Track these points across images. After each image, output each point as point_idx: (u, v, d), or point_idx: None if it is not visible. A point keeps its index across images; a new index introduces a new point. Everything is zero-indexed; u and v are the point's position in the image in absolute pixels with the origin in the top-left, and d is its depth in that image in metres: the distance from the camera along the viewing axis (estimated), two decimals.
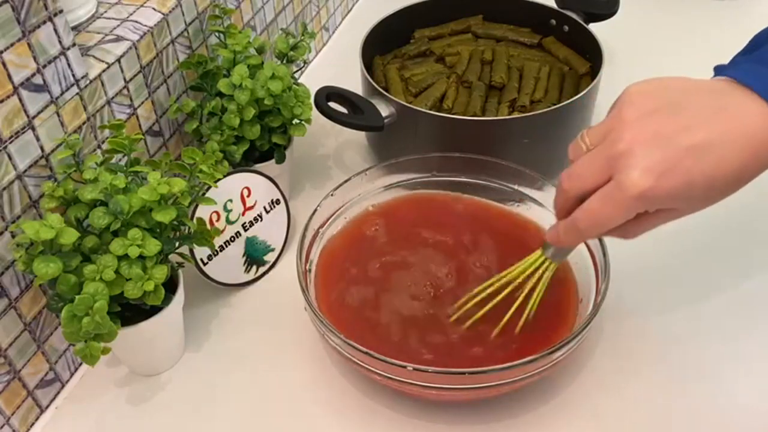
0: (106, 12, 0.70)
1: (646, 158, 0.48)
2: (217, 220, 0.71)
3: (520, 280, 0.62)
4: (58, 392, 0.67)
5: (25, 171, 0.57)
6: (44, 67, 0.57)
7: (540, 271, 0.61)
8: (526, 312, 0.62)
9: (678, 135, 0.48)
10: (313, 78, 1.01)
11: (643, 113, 0.49)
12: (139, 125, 0.71)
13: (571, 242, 0.57)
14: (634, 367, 0.66)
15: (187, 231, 0.65)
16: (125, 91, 0.68)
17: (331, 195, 0.72)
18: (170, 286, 0.63)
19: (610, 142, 0.50)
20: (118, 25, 0.68)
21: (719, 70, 0.53)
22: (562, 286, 0.68)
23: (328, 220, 0.72)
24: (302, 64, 1.06)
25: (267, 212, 0.76)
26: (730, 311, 0.70)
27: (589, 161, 0.52)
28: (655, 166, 0.48)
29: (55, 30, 0.57)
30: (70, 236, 0.54)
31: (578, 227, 0.53)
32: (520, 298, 0.62)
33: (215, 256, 0.71)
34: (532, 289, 0.62)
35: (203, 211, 0.69)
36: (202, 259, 0.70)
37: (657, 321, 0.70)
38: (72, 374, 0.68)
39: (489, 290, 0.63)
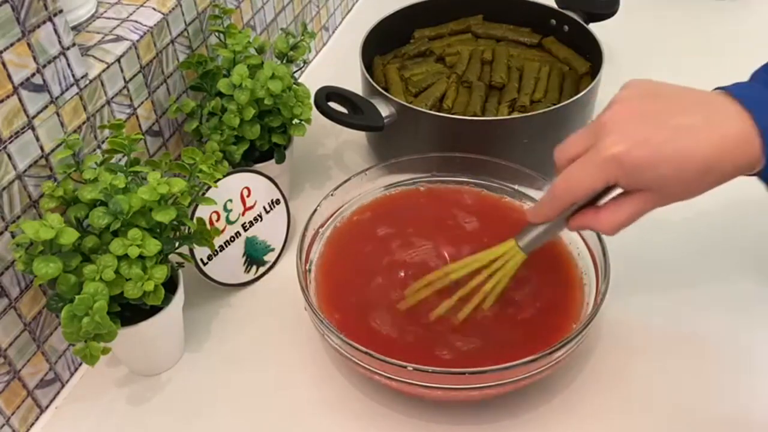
0: (106, 12, 0.70)
1: (625, 127, 0.53)
2: (217, 220, 0.71)
3: (486, 265, 0.63)
4: (58, 392, 0.67)
5: (25, 171, 0.57)
6: (44, 67, 0.57)
7: (506, 258, 0.62)
8: (479, 297, 0.63)
9: (660, 114, 0.53)
10: (313, 78, 1.01)
11: (634, 96, 0.55)
12: (139, 125, 0.71)
13: (546, 212, 0.59)
14: (634, 367, 0.66)
15: (187, 231, 0.65)
16: (125, 91, 0.68)
17: (331, 195, 0.72)
18: (170, 286, 0.63)
19: (599, 117, 0.55)
20: (118, 25, 0.68)
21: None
22: (563, 285, 0.68)
23: (328, 220, 0.73)
24: (302, 64, 1.05)
25: (267, 212, 0.75)
26: (733, 311, 0.70)
27: (578, 134, 0.56)
28: (631, 135, 0.52)
29: (55, 30, 0.57)
30: (70, 236, 0.54)
31: (554, 193, 0.57)
32: (479, 278, 0.63)
33: (215, 256, 0.71)
34: (491, 276, 0.63)
35: (203, 211, 0.69)
36: (202, 259, 0.70)
37: (657, 321, 0.70)
38: (72, 374, 0.68)
39: (453, 276, 0.64)
